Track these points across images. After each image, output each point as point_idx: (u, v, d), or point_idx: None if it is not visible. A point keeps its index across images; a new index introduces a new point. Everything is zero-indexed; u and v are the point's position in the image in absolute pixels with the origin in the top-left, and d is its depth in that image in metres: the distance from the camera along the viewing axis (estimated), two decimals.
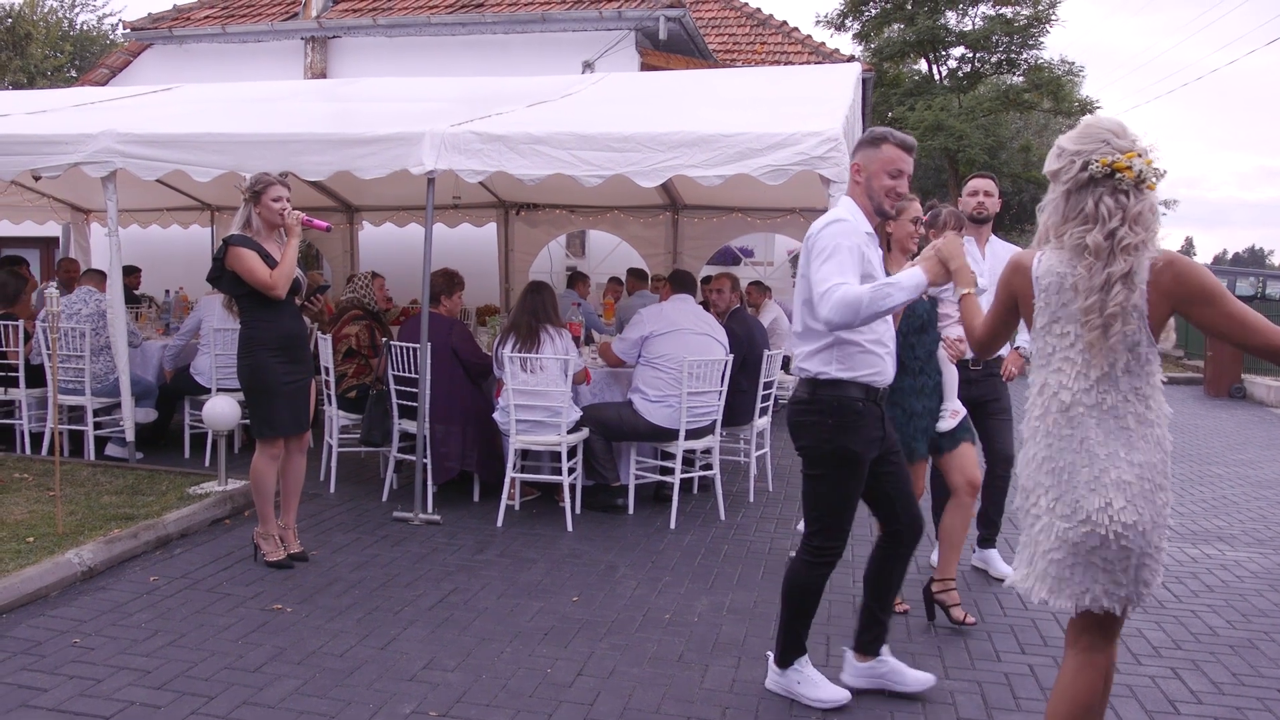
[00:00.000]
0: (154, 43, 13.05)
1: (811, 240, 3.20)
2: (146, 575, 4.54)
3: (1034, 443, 2.60)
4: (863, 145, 3.33)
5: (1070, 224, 2.52)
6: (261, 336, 4.61)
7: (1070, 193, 2.54)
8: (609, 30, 11.60)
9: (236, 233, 4.60)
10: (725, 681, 3.61)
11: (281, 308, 4.64)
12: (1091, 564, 2.47)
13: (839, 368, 3.23)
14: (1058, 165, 2.58)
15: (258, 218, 4.62)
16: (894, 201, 3.32)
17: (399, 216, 10.81)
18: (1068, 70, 25.23)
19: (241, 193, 4.67)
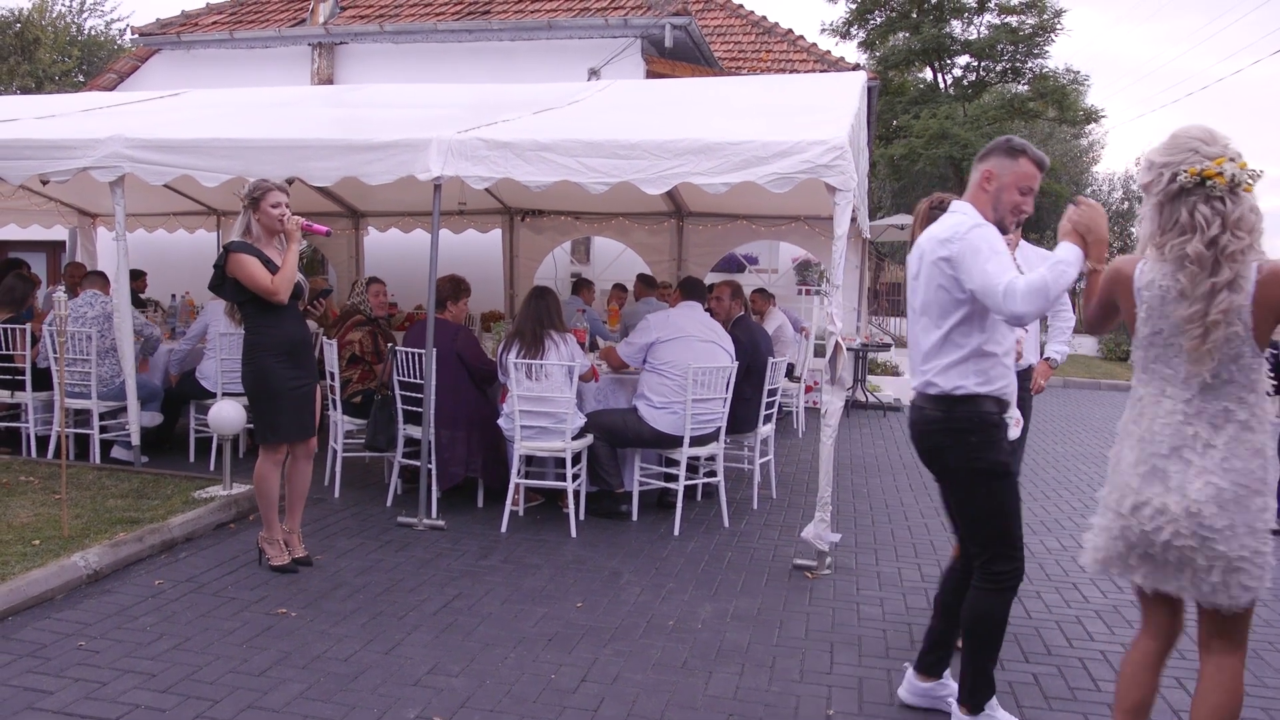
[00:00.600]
0: (162, 48, 13.12)
1: (954, 244, 3.01)
2: (152, 579, 4.55)
3: (1127, 445, 2.68)
4: (998, 153, 3.17)
5: (1168, 236, 2.55)
6: (265, 342, 4.62)
7: (1163, 205, 2.57)
8: (615, 38, 11.64)
9: (237, 239, 4.61)
10: (729, 688, 3.61)
11: (284, 313, 4.65)
12: (1179, 563, 2.55)
13: (976, 381, 3.08)
14: (1148, 178, 2.61)
15: (257, 224, 4.64)
16: (1015, 218, 3.19)
17: (404, 222, 10.84)
18: (1073, 79, 25.28)
19: (240, 199, 4.68)
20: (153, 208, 10.50)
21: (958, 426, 3.09)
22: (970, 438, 3.07)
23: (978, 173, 3.19)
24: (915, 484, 7.47)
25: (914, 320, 3.26)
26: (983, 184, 3.17)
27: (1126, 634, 4.33)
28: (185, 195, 10.03)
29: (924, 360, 3.17)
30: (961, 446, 3.08)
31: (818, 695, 3.59)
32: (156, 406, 7.09)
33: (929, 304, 3.15)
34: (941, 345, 3.11)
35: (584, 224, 10.84)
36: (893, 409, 11.83)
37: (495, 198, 10.15)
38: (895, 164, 25.91)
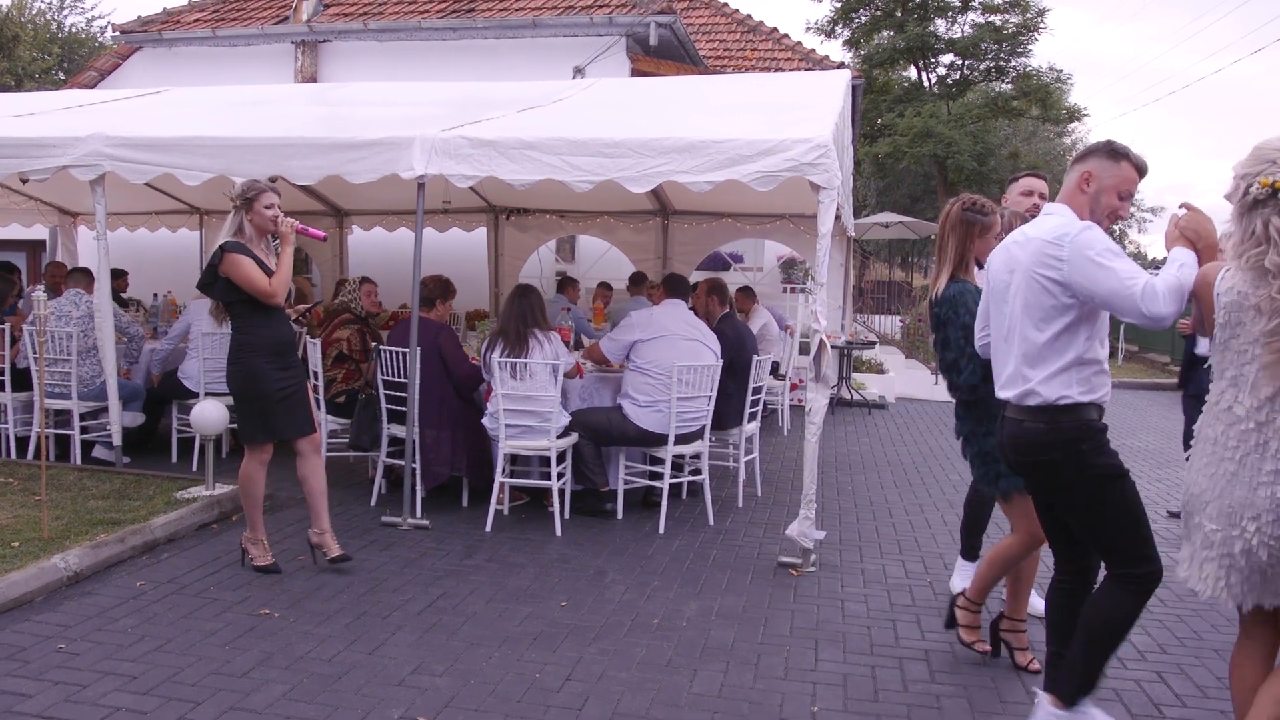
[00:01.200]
0: (143, 46, 13.02)
1: (1065, 248, 2.90)
2: (133, 580, 4.52)
3: (1201, 450, 2.72)
4: (1100, 155, 3.08)
5: (1246, 246, 2.58)
6: (255, 343, 4.59)
7: (1241, 215, 2.61)
8: (600, 36, 11.63)
9: (231, 239, 4.58)
10: (714, 686, 3.61)
11: (275, 314, 4.63)
12: (1251, 570, 2.59)
13: (1080, 390, 2.97)
14: (1230, 189, 2.65)
15: (249, 225, 4.61)
16: (1111, 223, 3.10)
17: (388, 221, 10.80)
18: (1056, 78, 25.46)
19: (231, 200, 4.65)
20: (134, 206, 10.42)
21: (1066, 437, 2.98)
22: (1081, 446, 2.96)
23: (1076, 174, 3.09)
24: (900, 481, 7.50)
25: (1000, 329, 3.18)
26: (1081, 185, 3.07)
27: None
28: (167, 194, 9.96)
29: (1020, 371, 3.05)
30: (1076, 456, 2.96)
31: (802, 692, 3.60)
32: (138, 406, 7.03)
33: (1027, 311, 3.03)
34: (1042, 354, 3.00)
35: (569, 222, 10.83)
36: (877, 406, 11.87)
37: (480, 196, 10.12)
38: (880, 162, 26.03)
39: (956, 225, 3.75)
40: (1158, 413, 12.89)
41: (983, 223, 3.75)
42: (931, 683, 3.72)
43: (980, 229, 3.75)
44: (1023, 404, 3.04)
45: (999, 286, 3.18)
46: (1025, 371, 3.03)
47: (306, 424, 4.74)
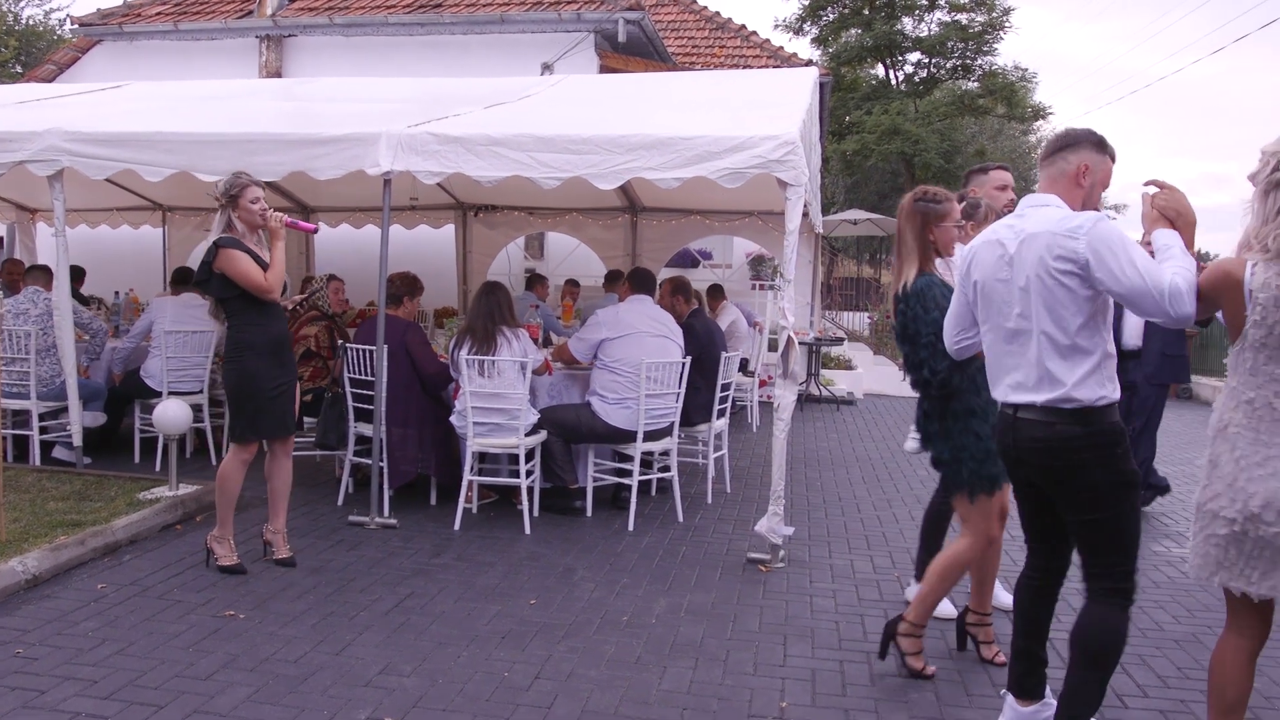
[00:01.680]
0: (103, 39, 12.81)
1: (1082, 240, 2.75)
2: (94, 583, 4.45)
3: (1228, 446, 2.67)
4: (1090, 147, 2.96)
5: (1269, 226, 2.55)
6: (252, 340, 4.55)
7: (1266, 193, 2.57)
8: (568, 32, 11.59)
9: (225, 235, 4.53)
10: (683, 683, 3.62)
11: (271, 310, 4.60)
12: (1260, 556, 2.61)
13: (1111, 388, 2.85)
14: (1256, 168, 2.61)
15: (238, 221, 4.57)
16: None
17: (355, 217, 10.70)
18: (1021, 76, 25.75)
19: (216, 198, 4.59)
20: (94, 203, 10.24)
21: (1102, 440, 2.83)
22: (1116, 449, 2.84)
23: (1070, 165, 2.94)
24: (868, 477, 7.55)
25: (1000, 331, 2.99)
26: (1079, 178, 2.94)
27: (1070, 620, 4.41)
28: (129, 190, 9.81)
29: (1048, 373, 2.86)
30: (1109, 460, 2.83)
31: (771, 688, 3.61)
32: (99, 406, 6.92)
33: (1049, 310, 2.85)
34: (1072, 353, 2.83)
35: (537, 219, 10.79)
36: (846, 403, 11.94)
37: (448, 193, 10.06)
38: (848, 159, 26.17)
39: (912, 217, 3.67)
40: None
41: (937, 211, 3.65)
42: (899, 676, 3.74)
43: (935, 217, 3.65)
44: (1056, 407, 2.85)
45: (992, 285, 3.00)
46: (1056, 373, 2.85)
47: (288, 425, 4.72)
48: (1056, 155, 2.98)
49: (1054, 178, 2.98)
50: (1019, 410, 2.96)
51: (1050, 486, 2.96)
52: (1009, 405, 3.00)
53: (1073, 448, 2.85)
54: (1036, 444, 2.92)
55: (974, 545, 3.66)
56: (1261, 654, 2.82)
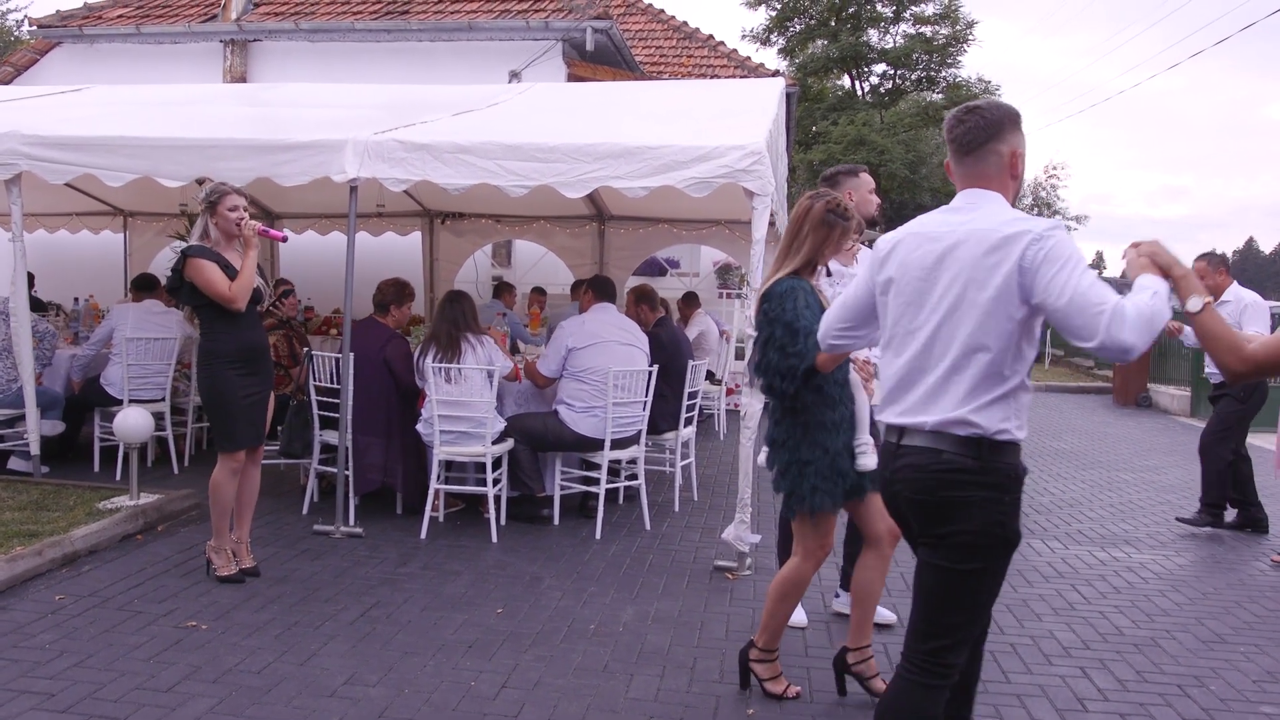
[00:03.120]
0: (63, 41, 12.61)
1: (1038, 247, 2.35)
2: (52, 594, 4.37)
3: None
4: (1017, 128, 2.60)
5: None
6: (220, 349, 4.53)
7: None
8: (536, 40, 11.59)
9: (195, 243, 4.50)
10: (650, 691, 3.62)
11: (241, 319, 4.56)
12: None
13: (1017, 424, 2.44)
14: None
15: (215, 228, 4.56)
16: None
17: (321, 224, 10.62)
18: (985, 88, 26.09)
19: (197, 204, 4.58)
20: (54, 207, 10.07)
21: (995, 480, 2.43)
22: (1004, 496, 2.44)
23: (1001, 155, 2.56)
24: None
25: (910, 339, 2.55)
26: (1013, 169, 2.59)
27: (1034, 626, 4.47)
28: (89, 195, 9.66)
29: (947, 391, 2.45)
30: (992, 507, 2.42)
31: (738, 696, 3.62)
32: (58, 414, 6.80)
33: (967, 320, 2.44)
34: (985, 374, 2.42)
35: (505, 227, 10.77)
36: None
37: (415, 200, 10.01)
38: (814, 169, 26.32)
39: (818, 226, 3.43)
40: (1082, 415, 13.27)
41: (844, 227, 3.47)
42: None
43: (841, 233, 3.47)
44: (948, 431, 2.44)
45: (910, 284, 2.56)
46: (955, 393, 2.44)
47: (259, 434, 4.71)
48: (983, 149, 2.55)
49: (984, 173, 2.56)
50: (904, 434, 2.53)
51: (921, 524, 2.53)
52: (894, 428, 2.57)
53: (956, 481, 2.43)
54: (917, 470, 2.48)
55: (813, 562, 3.52)
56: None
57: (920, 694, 2.52)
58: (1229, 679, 3.93)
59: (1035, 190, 33.70)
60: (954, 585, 2.48)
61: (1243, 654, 4.22)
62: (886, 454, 2.61)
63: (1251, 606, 4.87)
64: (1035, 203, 33.52)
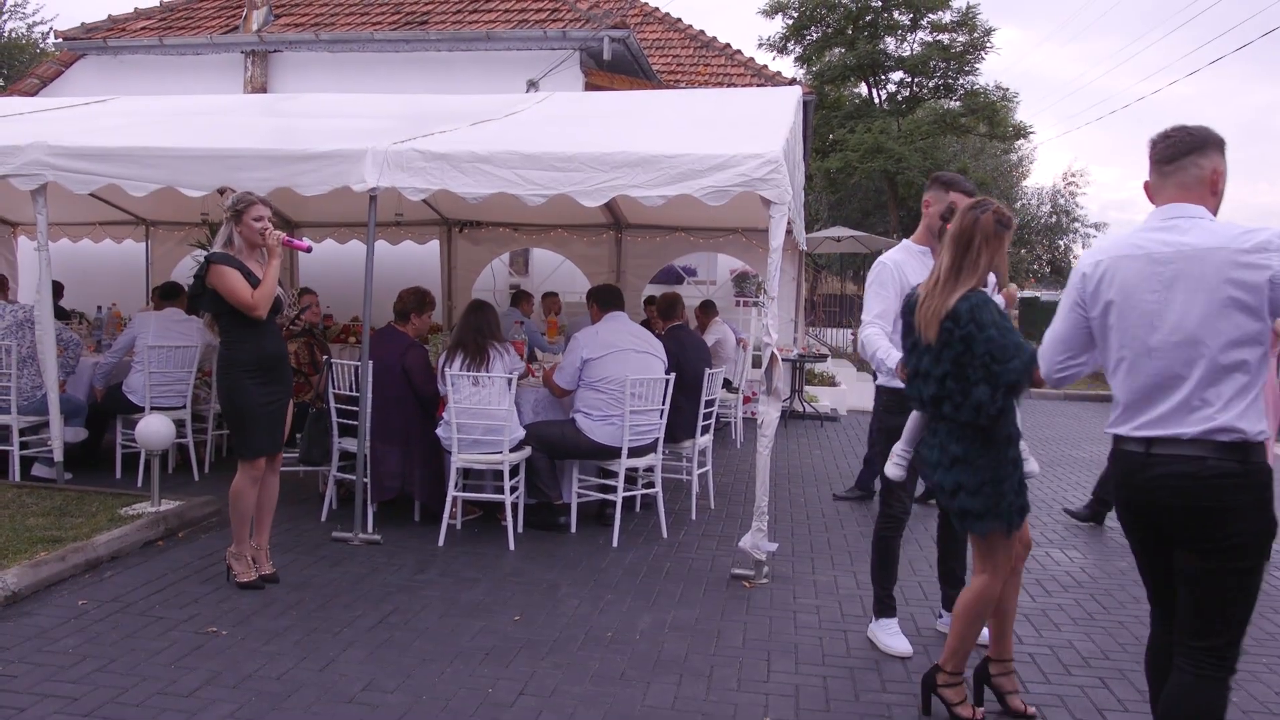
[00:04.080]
0: (88, 53, 12.78)
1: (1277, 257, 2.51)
2: (75, 599, 4.42)
3: None
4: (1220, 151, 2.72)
5: None
6: (240, 357, 4.57)
7: None
8: (554, 50, 11.65)
9: (219, 250, 4.55)
10: (667, 699, 3.62)
11: (262, 328, 4.61)
12: None
13: (1264, 424, 2.58)
14: None
15: (239, 237, 4.60)
16: None
17: (340, 233, 10.70)
18: (1002, 96, 26.00)
19: (223, 212, 4.63)
20: (77, 216, 10.20)
21: (1260, 480, 2.56)
22: (1267, 493, 2.57)
23: (1202, 170, 2.68)
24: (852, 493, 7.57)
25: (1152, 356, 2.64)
26: (1214, 184, 2.69)
27: (1052, 635, 4.45)
28: (113, 204, 9.79)
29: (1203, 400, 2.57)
30: (1262, 505, 2.56)
31: (755, 703, 3.62)
32: (80, 422, 6.88)
33: (1219, 334, 2.55)
34: (1242, 383, 2.55)
35: (522, 235, 10.82)
36: (829, 419, 11.98)
37: (433, 209, 10.08)
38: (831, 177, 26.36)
39: (991, 238, 3.35)
40: (1101, 423, 13.16)
41: (1008, 236, 3.44)
42: (883, 692, 3.76)
43: (1002, 244, 3.41)
44: (1211, 439, 2.54)
45: (1137, 304, 2.65)
46: (1215, 402, 2.55)
47: (277, 442, 4.74)
48: (1185, 160, 2.68)
49: (1186, 184, 2.68)
50: (1153, 445, 2.63)
51: (1186, 531, 2.62)
52: (1141, 440, 2.66)
53: (1224, 487, 2.55)
54: (1178, 480, 2.59)
55: (998, 579, 3.43)
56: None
57: (1212, 689, 2.64)
58: (1251, 690, 3.89)
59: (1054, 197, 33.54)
60: (1232, 584, 2.60)
61: (1265, 665, 4.18)
62: (1134, 464, 2.69)
63: (1275, 618, 4.82)
64: (1054, 210, 33.35)
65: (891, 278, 4.13)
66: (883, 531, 4.27)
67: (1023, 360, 3.20)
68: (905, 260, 4.19)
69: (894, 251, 4.28)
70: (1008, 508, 3.34)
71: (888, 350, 3.98)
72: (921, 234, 4.28)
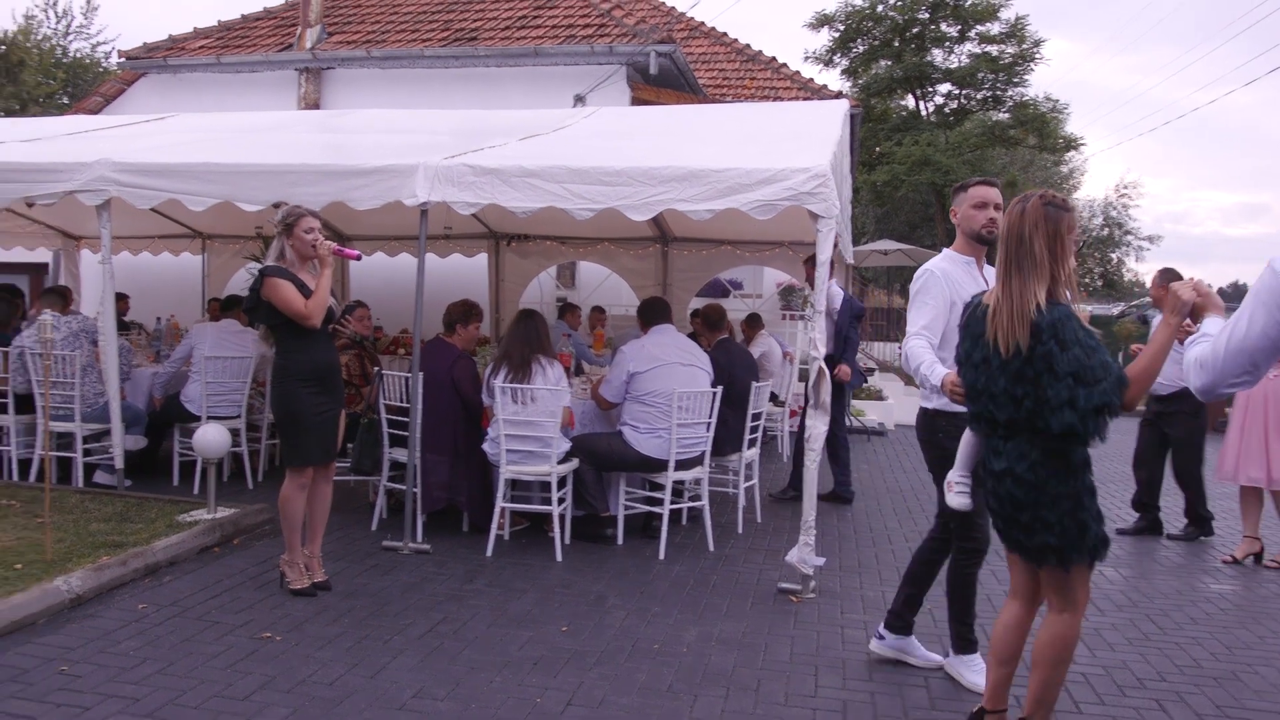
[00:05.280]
0: (148, 72, 13.15)
1: None
2: (135, 603, 4.53)
3: None
4: None
5: None
6: (294, 367, 4.68)
7: None
8: (600, 64, 11.75)
9: (272, 264, 4.67)
10: (714, 712, 3.62)
11: (315, 338, 4.71)
12: None
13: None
14: None
15: (290, 249, 4.71)
16: None
17: (390, 246, 10.87)
18: (1052, 107, 25.68)
19: (274, 226, 4.75)
20: (137, 230, 10.48)
21: None
22: None
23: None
24: (899, 508, 7.52)
25: None
26: None
27: (1106, 655, 4.38)
28: (170, 218, 10.03)
29: None
30: None
31: (802, 718, 3.60)
32: (140, 430, 7.06)
33: None
34: None
35: (569, 249, 10.91)
36: (876, 433, 11.89)
37: (481, 222, 10.19)
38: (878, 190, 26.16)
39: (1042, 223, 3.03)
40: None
41: (1068, 220, 3.07)
42: (931, 709, 3.73)
43: (1067, 227, 3.05)
44: None
45: None
46: None
47: (329, 451, 4.83)
48: None
49: None
50: None
51: None
52: None
53: None
54: None
55: (1079, 620, 3.15)
56: None
57: None
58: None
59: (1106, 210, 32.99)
60: None
61: None
62: None
63: None
64: (1106, 222, 32.79)
65: (939, 287, 3.82)
66: (962, 566, 3.92)
67: (1111, 382, 2.91)
68: (951, 270, 3.88)
69: (939, 260, 3.95)
70: (1093, 540, 3.04)
71: (932, 365, 3.63)
72: (961, 243, 3.97)
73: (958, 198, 3.99)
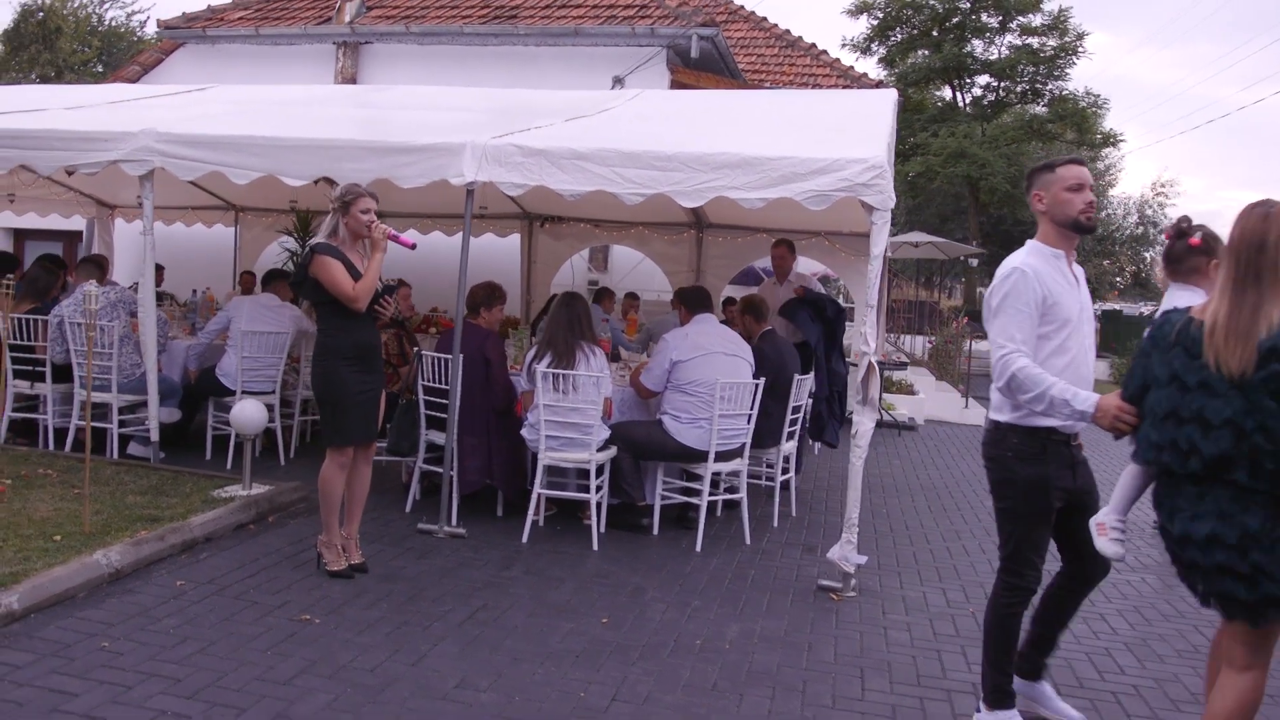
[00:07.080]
0: (187, 42, 13.11)
1: None
2: (173, 579, 4.50)
3: None
4: None
5: None
6: (337, 345, 4.62)
7: None
8: (641, 46, 11.61)
9: (323, 241, 4.60)
10: (761, 712, 3.55)
11: (359, 317, 4.65)
12: None
13: None
14: None
15: (344, 228, 4.65)
16: None
17: (423, 224, 10.80)
18: (1092, 102, 25.34)
19: (330, 202, 4.70)
20: (170, 201, 10.46)
21: None
22: None
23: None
24: (934, 506, 7.41)
25: None
26: None
27: (1156, 667, 4.28)
28: (205, 190, 10.00)
29: None
30: None
31: None
32: (175, 403, 7.03)
33: None
34: None
35: (603, 232, 10.81)
36: (907, 428, 11.76)
37: (515, 202, 10.08)
38: (911, 181, 25.91)
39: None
40: None
41: None
42: None
43: None
44: None
45: None
46: None
47: (371, 431, 4.77)
48: None
49: None
50: None
51: None
52: None
53: None
54: None
55: (1265, 677, 2.78)
56: None
57: None
58: None
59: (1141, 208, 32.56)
60: None
61: None
62: None
63: None
64: (1141, 220, 32.38)
65: (1031, 290, 3.22)
66: (1007, 606, 3.40)
67: None
68: (1042, 268, 3.28)
69: (1026, 256, 3.31)
70: None
71: (1065, 387, 3.05)
72: (1051, 233, 3.35)
73: (1041, 179, 3.39)
